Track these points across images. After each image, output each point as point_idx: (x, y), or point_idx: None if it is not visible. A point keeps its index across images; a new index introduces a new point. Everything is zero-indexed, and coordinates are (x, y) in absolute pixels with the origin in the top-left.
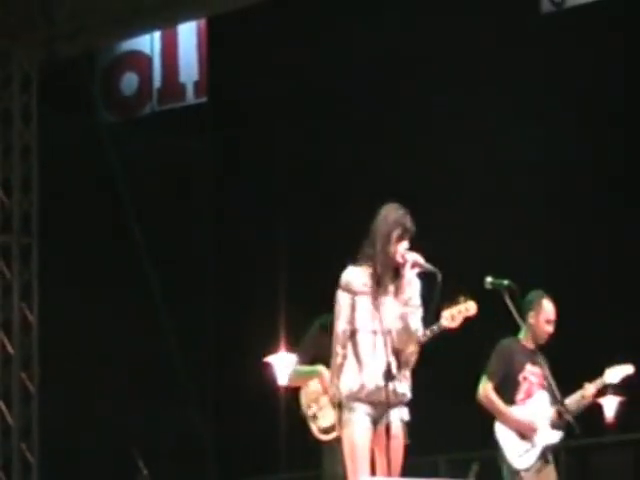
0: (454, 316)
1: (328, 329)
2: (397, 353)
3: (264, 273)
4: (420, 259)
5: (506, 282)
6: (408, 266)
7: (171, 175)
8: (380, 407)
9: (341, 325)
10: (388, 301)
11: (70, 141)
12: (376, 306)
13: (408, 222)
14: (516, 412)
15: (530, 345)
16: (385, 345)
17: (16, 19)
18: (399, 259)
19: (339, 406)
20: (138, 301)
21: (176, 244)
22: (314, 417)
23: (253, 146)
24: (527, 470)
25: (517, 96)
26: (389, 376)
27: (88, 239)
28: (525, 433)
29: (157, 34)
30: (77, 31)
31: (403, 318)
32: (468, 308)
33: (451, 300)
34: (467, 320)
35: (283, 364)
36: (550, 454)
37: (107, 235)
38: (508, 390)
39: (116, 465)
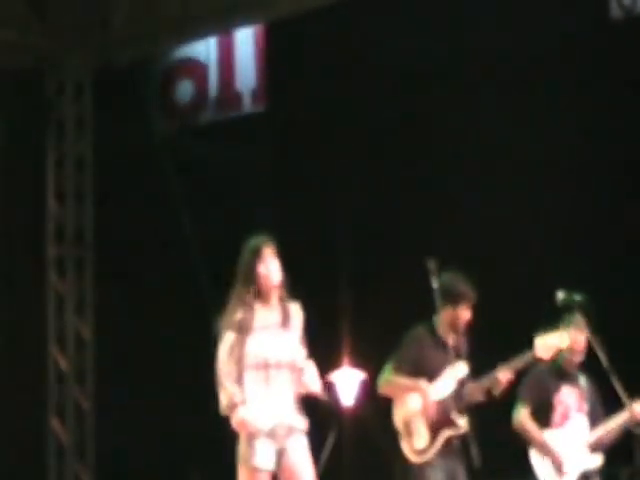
0: (548, 347)
1: (421, 340)
2: None
3: (325, 284)
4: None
5: (578, 297)
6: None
7: (228, 185)
8: None
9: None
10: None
11: (124, 150)
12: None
13: (265, 243)
14: (549, 438)
15: (568, 367)
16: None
17: (70, 25)
18: (267, 279)
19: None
20: (194, 316)
21: (231, 257)
22: (409, 435)
23: (311, 157)
24: None
25: (585, 104)
26: None
27: (143, 251)
28: (557, 461)
29: (213, 41)
30: (132, 38)
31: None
32: (562, 340)
33: (544, 325)
34: (559, 352)
35: (347, 382)
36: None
37: (162, 247)
38: (544, 414)
39: None
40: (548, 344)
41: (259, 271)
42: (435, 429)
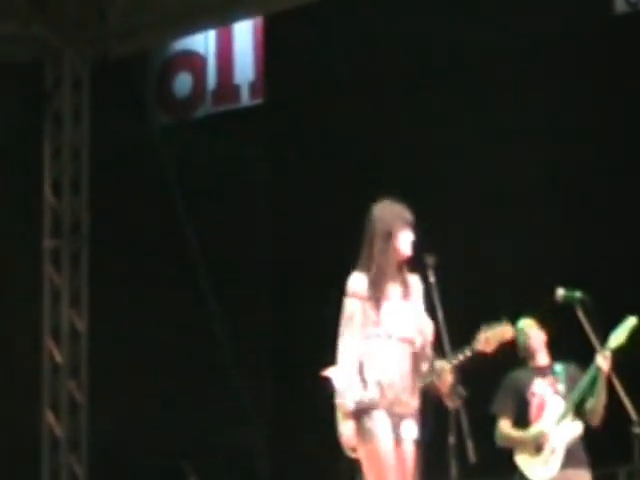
0: (489, 340)
1: None
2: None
3: (323, 282)
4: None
5: (579, 294)
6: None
7: (226, 178)
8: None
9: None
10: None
11: (121, 143)
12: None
13: (405, 213)
14: (530, 430)
15: (538, 363)
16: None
17: (68, 17)
18: (406, 252)
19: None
20: (191, 309)
21: (230, 249)
22: None
23: (310, 150)
24: None
25: (587, 97)
26: None
27: (140, 244)
28: (540, 444)
29: (212, 34)
30: (130, 30)
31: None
32: (504, 332)
33: (487, 321)
34: (503, 345)
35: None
36: (580, 456)
37: (159, 240)
38: (523, 413)
39: (166, 479)
40: (490, 337)
41: (400, 237)
42: None
